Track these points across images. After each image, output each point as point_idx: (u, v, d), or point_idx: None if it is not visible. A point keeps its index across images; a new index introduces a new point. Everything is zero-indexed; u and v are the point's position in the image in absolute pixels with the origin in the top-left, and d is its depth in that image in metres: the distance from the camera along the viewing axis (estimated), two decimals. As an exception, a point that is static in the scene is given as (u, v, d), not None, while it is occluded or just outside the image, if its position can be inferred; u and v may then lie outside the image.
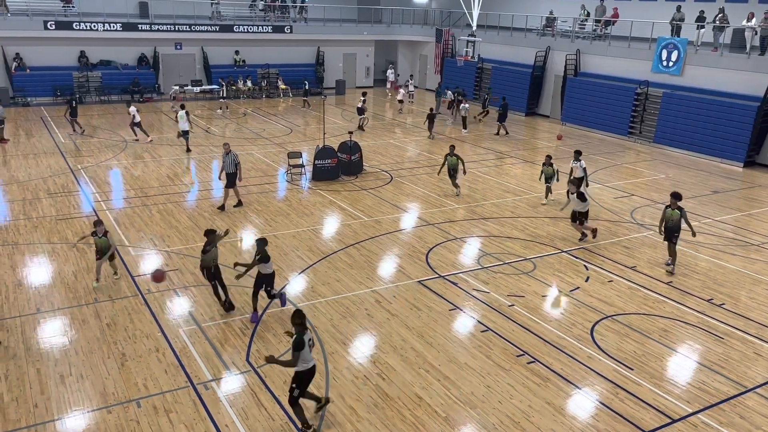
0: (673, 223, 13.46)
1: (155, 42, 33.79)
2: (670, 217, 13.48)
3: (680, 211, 13.37)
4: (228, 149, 16.62)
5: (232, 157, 16.48)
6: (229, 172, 16.52)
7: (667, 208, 13.57)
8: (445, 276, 13.24)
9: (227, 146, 16.72)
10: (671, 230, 13.56)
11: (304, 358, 7.93)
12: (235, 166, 16.51)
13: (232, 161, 16.47)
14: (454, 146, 18.50)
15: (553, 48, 32.25)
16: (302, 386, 8.09)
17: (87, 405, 8.68)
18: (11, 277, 12.40)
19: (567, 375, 9.84)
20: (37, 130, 25.58)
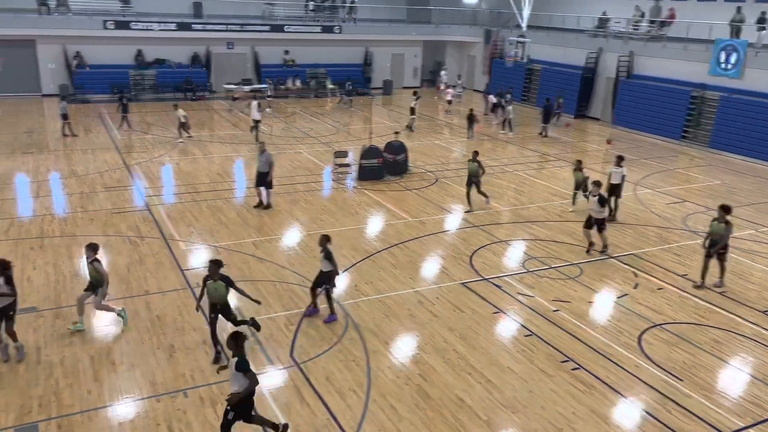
0: (717, 237, 12.59)
1: (208, 41, 34.56)
2: (715, 230, 12.61)
3: (726, 225, 12.52)
4: (263, 149, 16.70)
5: (267, 157, 16.50)
6: (261, 171, 16.54)
7: (714, 221, 12.74)
8: (489, 279, 13.14)
9: (262, 145, 16.88)
10: (714, 244, 12.64)
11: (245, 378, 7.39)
12: (268, 166, 16.49)
13: (266, 161, 16.48)
14: (477, 152, 17.61)
15: (606, 49, 31.60)
16: (244, 409, 7.57)
17: (137, 393, 8.96)
18: (69, 267, 12.89)
19: (613, 383, 9.65)
20: (95, 126, 26.50)
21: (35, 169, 19.75)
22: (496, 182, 20.41)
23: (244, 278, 12.65)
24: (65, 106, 24.21)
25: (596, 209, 14.28)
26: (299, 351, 10.19)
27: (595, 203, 14.27)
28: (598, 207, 14.23)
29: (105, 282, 10.45)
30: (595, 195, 14.28)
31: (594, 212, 14.36)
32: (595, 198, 14.25)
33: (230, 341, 7.46)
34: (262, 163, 16.50)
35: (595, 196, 14.28)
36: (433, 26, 40.47)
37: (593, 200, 14.33)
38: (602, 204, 14.23)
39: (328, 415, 8.64)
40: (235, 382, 7.42)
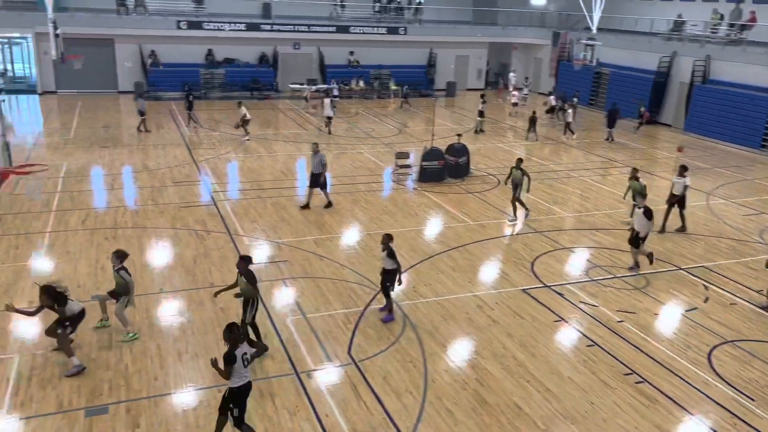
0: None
1: (275, 41, 35.29)
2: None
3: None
4: (316, 149, 16.68)
5: (320, 158, 16.48)
6: (315, 172, 16.57)
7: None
8: (550, 286, 12.89)
9: (315, 146, 16.82)
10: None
11: (239, 373, 7.60)
12: (321, 167, 16.52)
13: (319, 161, 16.47)
14: (521, 159, 16.71)
15: (680, 53, 30.46)
16: (239, 403, 7.73)
17: (200, 382, 9.23)
18: (139, 258, 13.40)
19: (679, 399, 9.29)
20: (167, 122, 27.49)
21: (110, 163, 20.65)
22: (561, 187, 20.00)
23: (305, 275, 12.85)
24: (143, 103, 25.24)
25: (640, 222, 13.29)
26: (357, 349, 10.26)
27: (640, 216, 13.30)
28: (643, 220, 13.24)
29: (130, 290, 10.25)
30: (640, 207, 13.37)
31: (638, 225, 13.35)
32: (641, 210, 13.31)
33: (225, 331, 7.70)
34: (315, 164, 16.57)
35: (640, 208, 13.36)
36: (499, 28, 40.03)
37: (638, 212, 13.38)
38: (648, 217, 13.22)
39: (384, 415, 8.67)
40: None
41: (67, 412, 8.47)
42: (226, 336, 7.65)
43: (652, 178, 21.57)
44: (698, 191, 20.13)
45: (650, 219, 13.29)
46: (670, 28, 31.97)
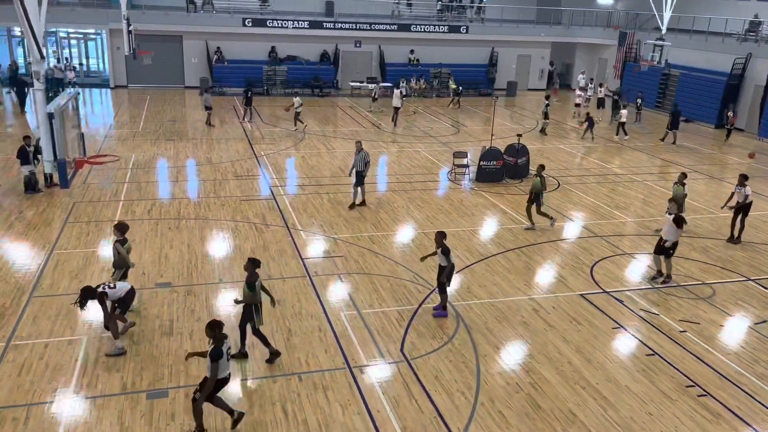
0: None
1: (337, 39, 35.66)
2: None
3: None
4: (360, 147, 16.60)
5: (363, 156, 16.44)
6: (359, 170, 16.51)
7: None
8: (610, 292, 12.56)
9: (359, 144, 16.76)
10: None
11: (223, 367, 7.84)
12: (364, 165, 16.47)
13: (362, 159, 16.44)
14: (543, 166, 15.75)
15: (756, 55, 29.12)
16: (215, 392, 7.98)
17: (256, 372, 9.44)
18: (200, 248, 13.81)
19: (744, 415, 8.90)
20: (230, 117, 28.18)
21: (175, 156, 21.33)
22: (624, 191, 19.46)
23: (359, 271, 12.95)
24: (209, 98, 25.99)
25: (669, 230, 12.52)
26: (409, 347, 10.27)
27: (669, 223, 12.51)
28: (672, 228, 12.46)
29: (125, 266, 10.49)
30: (670, 213, 12.56)
31: (666, 233, 12.60)
32: (671, 217, 12.51)
33: (207, 329, 7.88)
34: (358, 162, 16.47)
35: (670, 214, 12.54)
36: (563, 27, 39.25)
37: (668, 219, 12.61)
38: (679, 225, 12.44)
39: (435, 414, 8.65)
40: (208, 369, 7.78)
41: (130, 393, 8.81)
42: (209, 334, 7.86)
43: (721, 184, 20.73)
44: (771, 199, 19.22)
45: (680, 227, 12.52)
46: (745, 29, 30.60)
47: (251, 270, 9.42)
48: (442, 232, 11.12)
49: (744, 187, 15.12)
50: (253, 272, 9.43)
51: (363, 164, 16.48)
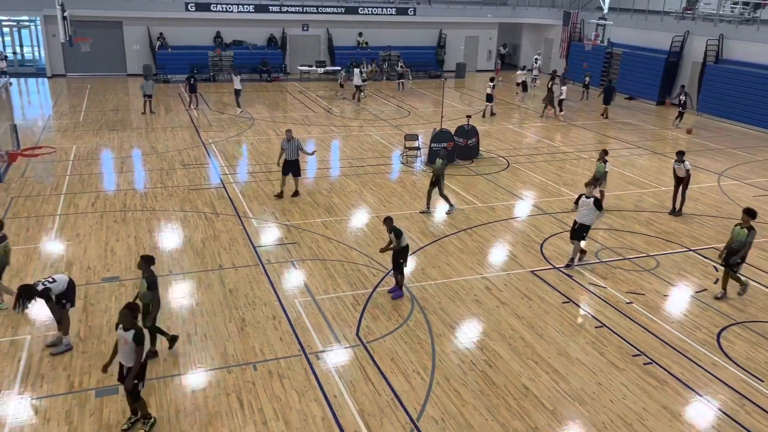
0: (739, 244, 11.31)
1: (284, 23, 35.11)
2: (737, 237, 11.34)
3: (749, 231, 11.24)
4: (290, 136, 15.91)
5: (295, 144, 15.90)
6: (290, 159, 15.91)
7: (736, 226, 11.48)
8: (559, 268, 12.84)
9: (289, 133, 16.01)
10: (733, 252, 11.35)
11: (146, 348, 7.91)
12: (297, 153, 15.96)
13: (294, 148, 15.89)
14: (446, 149, 15.32)
15: (693, 32, 30.00)
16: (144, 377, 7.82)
17: (209, 364, 9.30)
18: (148, 239, 13.48)
19: (687, 380, 9.26)
20: (175, 105, 27.48)
21: (120, 146, 20.70)
22: (571, 169, 19.86)
23: (313, 257, 12.87)
24: (148, 85, 25.23)
25: (588, 213, 12.41)
26: (365, 331, 10.30)
27: (588, 206, 12.36)
28: (591, 211, 12.38)
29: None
30: (589, 197, 12.42)
31: (582, 216, 12.49)
32: (591, 200, 12.38)
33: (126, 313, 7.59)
34: (290, 151, 15.88)
35: (589, 197, 12.41)
36: (509, 8, 39.58)
37: (586, 202, 12.38)
38: (598, 208, 12.42)
39: (392, 395, 8.71)
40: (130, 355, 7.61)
41: (78, 392, 8.57)
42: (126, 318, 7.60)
43: (663, 159, 21.38)
44: (710, 172, 19.94)
45: (600, 210, 12.54)
46: (683, 7, 31.45)
47: (146, 268, 8.99)
48: (389, 217, 11.27)
49: (683, 162, 15.59)
50: (150, 270, 9.02)
51: (296, 153, 15.97)
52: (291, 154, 15.94)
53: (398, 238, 11.05)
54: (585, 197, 12.52)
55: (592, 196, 12.46)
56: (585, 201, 12.49)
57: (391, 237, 11.11)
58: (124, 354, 7.69)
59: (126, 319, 7.62)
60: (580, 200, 12.66)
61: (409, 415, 8.32)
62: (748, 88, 26.96)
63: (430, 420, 8.26)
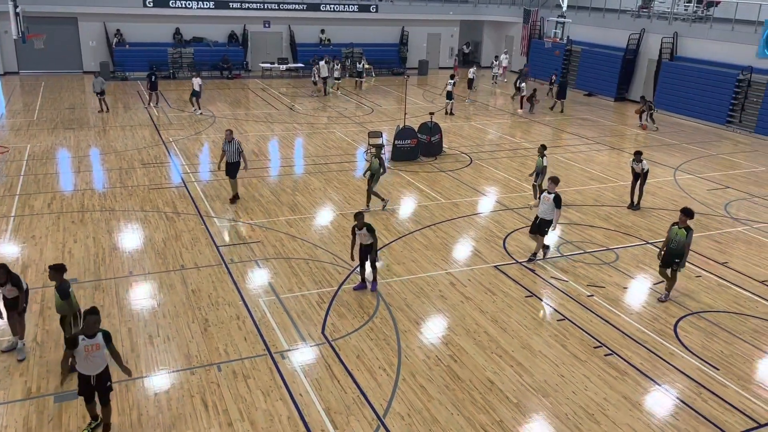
0: (677, 245, 11.08)
1: (245, 20, 34.70)
2: (675, 237, 11.12)
3: (687, 232, 11.06)
4: (230, 137, 15.29)
5: (235, 145, 15.31)
6: (231, 161, 15.32)
7: (673, 226, 11.25)
8: (522, 262, 13.02)
9: (229, 134, 15.37)
10: (672, 254, 11.18)
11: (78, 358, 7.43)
12: (238, 155, 15.34)
13: (235, 150, 15.30)
14: (381, 146, 15.17)
15: (648, 30, 30.72)
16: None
17: (172, 365, 9.16)
18: (107, 240, 13.19)
19: (646, 370, 9.50)
20: (134, 102, 26.93)
21: (76, 145, 20.19)
22: (533, 165, 20.11)
23: (277, 256, 12.78)
24: (99, 82, 24.43)
25: (547, 209, 12.45)
26: (330, 329, 10.27)
27: (549, 203, 12.41)
28: (551, 207, 12.39)
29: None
30: (551, 193, 12.47)
31: (544, 213, 12.53)
32: (551, 196, 12.43)
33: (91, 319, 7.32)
34: (231, 153, 15.28)
35: (551, 194, 12.47)
36: (470, 6, 39.88)
37: (548, 198, 12.47)
38: (558, 205, 12.39)
39: (358, 393, 8.71)
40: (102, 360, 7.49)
41: (36, 398, 8.35)
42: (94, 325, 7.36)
43: (621, 154, 21.85)
44: (666, 166, 20.46)
45: (559, 207, 12.49)
46: (638, 6, 32.18)
47: (57, 277, 8.50)
48: (361, 212, 11.24)
49: (641, 162, 15.95)
50: (61, 279, 8.55)
51: (237, 155, 15.34)
52: (231, 156, 15.34)
53: (371, 233, 11.09)
54: (546, 193, 12.67)
55: (553, 192, 12.58)
56: (546, 196, 12.65)
57: (364, 231, 11.09)
58: (93, 362, 7.38)
59: (91, 326, 7.31)
60: (541, 196, 12.87)
61: (375, 412, 8.34)
62: (701, 85, 27.75)
63: (396, 416, 8.30)
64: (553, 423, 8.31)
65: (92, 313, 7.37)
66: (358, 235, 11.17)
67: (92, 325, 7.32)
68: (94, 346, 7.34)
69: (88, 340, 7.31)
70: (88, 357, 7.34)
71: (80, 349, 7.31)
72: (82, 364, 7.42)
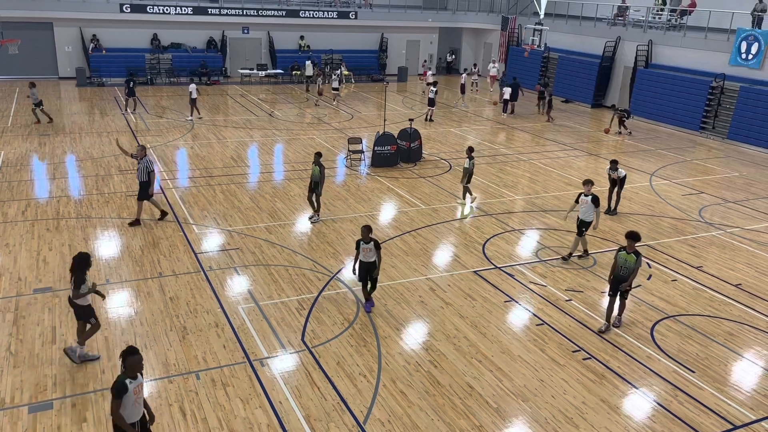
0: (627, 271, 10.46)
1: (223, 26, 34.57)
2: (624, 263, 10.48)
3: (637, 257, 10.45)
4: (142, 153, 13.89)
5: (145, 164, 13.88)
6: (141, 180, 13.97)
7: (620, 251, 10.58)
8: (501, 267, 13.10)
9: (141, 150, 13.92)
10: (621, 281, 10.52)
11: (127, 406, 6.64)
12: (147, 175, 13.86)
13: (143, 169, 13.87)
14: (320, 153, 14.78)
15: (624, 38, 31.19)
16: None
17: (150, 374, 9.05)
18: (83, 248, 12.98)
19: (624, 374, 9.61)
20: (111, 109, 26.64)
21: (51, 152, 19.91)
22: (511, 171, 20.30)
23: (256, 263, 12.71)
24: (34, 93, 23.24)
25: (587, 211, 13.06)
26: (310, 335, 10.23)
27: (587, 204, 13.02)
28: (590, 208, 13.02)
29: None
30: (587, 195, 13.03)
31: (584, 214, 13.13)
32: (588, 198, 13.02)
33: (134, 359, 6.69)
34: (140, 172, 13.95)
35: (587, 195, 13.03)
36: (449, 13, 40.15)
37: (585, 200, 13.05)
38: (596, 205, 12.99)
39: (338, 399, 8.68)
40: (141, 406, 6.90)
41: (9, 409, 8.19)
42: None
43: (598, 160, 22.12)
44: (642, 172, 20.75)
45: (598, 206, 13.08)
46: (614, 14, 32.68)
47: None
48: (367, 226, 10.75)
49: (617, 170, 16.13)
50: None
51: (146, 174, 13.90)
52: (140, 175, 13.99)
53: (377, 249, 10.69)
54: (584, 195, 13.13)
55: (589, 194, 13.02)
56: (583, 199, 13.12)
57: (371, 246, 10.65)
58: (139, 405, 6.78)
59: (136, 367, 6.69)
60: (579, 198, 13.26)
61: (355, 419, 8.32)
62: (675, 92, 28.23)
63: (376, 422, 8.28)
64: (532, 427, 8.36)
65: (134, 353, 6.68)
66: (363, 249, 10.67)
67: (136, 366, 6.70)
68: (140, 386, 6.73)
69: (135, 382, 6.67)
70: (137, 400, 6.70)
71: (130, 393, 6.57)
72: (132, 411, 6.67)
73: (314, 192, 14.83)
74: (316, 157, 14.72)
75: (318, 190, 14.77)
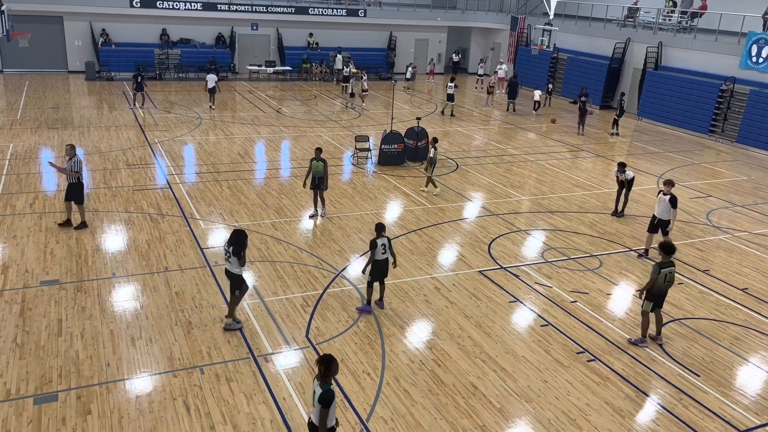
0: (668, 284, 10.07)
1: (233, 22, 34.62)
2: (670, 277, 10.00)
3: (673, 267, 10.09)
4: (71, 152, 13.10)
5: (72, 164, 13.12)
6: (69, 182, 13.26)
7: (664, 268, 9.88)
8: (506, 267, 13.08)
9: (70, 149, 13.17)
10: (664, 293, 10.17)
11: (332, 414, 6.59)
12: (76, 177, 13.17)
13: (70, 168, 13.11)
14: (320, 149, 14.62)
15: (634, 40, 31.06)
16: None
17: (155, 368, 9.08)
18: (91, 242, 13.06)
19: (628, 376, 9.58)
20: (120, 103, 26.74)
21: (60, 145, 19.99)
22: (518, 171, 20.26)
23: (262, 259, 12.73)
24: None
25: (665, 209, 13.16)
26: (315, 332, 10.25)
27: (665, 203, 13.13)
28: (668, 207, 13.09)
29: None
30: (666, 194, 13.12)
31: (661, 213, 13.29)
32: (666, 197, 13.12)
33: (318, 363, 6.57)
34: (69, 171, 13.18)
35: (666, 195, 13.11)
36: (458, 12, 40.08)
37: (663, 199, 13.17)
38: (674, 205, 13.05)
39: (341, 397, 8.69)
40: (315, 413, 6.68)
41: (15, 400, 8.24)
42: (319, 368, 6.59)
43: (606, 161, 22.05)
44: (650, 174, 20.67)
45: (675, 206, 13.12)
46: (624, 15, 32.54)
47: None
48: (381, 223, 10.70)
49: (624, 172, 16.02)
50: None
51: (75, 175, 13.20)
52: (69, 177, 13.33)
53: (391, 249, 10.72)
54: (662, 194, 13.19)
55: (668, 194, 13.08)
56: (662, 197, 13.21)
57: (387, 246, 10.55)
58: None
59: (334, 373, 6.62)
60: (658, 197, 13.39)
61: (358, 416, 8.33)
62: (685, 94, 28.09)
63: (379, 420, 8.28)
64: (535, 428, 8.34)
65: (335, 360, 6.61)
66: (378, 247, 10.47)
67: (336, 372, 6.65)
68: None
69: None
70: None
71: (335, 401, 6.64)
72: (332, 416, 6.72)
73: (319, 188, 14.81)
74: (317, 152, 14.63)
75: (323, 185, 14.76)
